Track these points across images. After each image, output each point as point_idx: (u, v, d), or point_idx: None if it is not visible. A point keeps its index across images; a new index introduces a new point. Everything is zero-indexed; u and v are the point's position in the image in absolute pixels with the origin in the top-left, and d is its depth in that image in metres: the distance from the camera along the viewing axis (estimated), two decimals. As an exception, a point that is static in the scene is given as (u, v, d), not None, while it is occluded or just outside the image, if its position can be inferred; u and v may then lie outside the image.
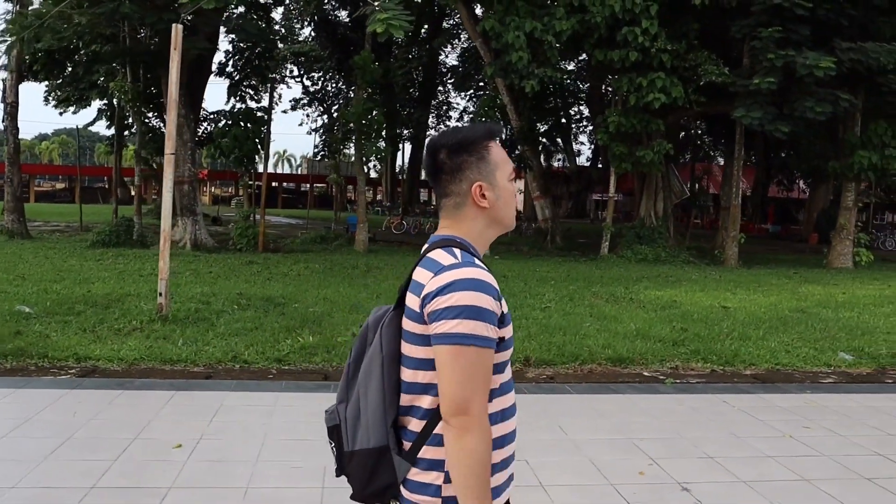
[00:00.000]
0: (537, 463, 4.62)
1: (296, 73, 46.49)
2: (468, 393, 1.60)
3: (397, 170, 61.02)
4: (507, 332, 1.72)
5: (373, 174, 70.69)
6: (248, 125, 19.33)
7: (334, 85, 49.05)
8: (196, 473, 4.34)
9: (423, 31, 38.43)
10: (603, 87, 27.89)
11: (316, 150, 58.57)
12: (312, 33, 34.16)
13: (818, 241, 30.27)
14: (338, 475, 1.86)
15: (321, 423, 1.97)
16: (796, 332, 9.34)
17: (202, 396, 5.94)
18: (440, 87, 47.49)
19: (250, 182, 23.28)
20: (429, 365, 1.68)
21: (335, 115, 53.71)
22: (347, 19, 31.01)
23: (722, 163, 54.53)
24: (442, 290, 1.62)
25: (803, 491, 4.37)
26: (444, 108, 50.28)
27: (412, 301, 1.71)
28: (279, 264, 15.49)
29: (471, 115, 37.03)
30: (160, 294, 8.72)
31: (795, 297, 12.99)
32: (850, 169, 19.31)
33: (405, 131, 50.74)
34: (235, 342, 7.62)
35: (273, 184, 64.64)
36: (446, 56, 46.31)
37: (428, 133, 49.82)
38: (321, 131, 54.39)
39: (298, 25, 44.50)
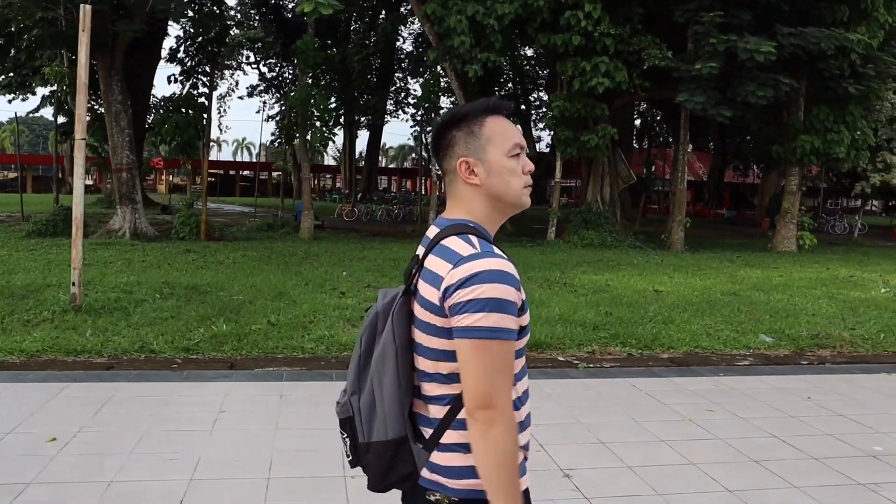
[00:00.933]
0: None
1: (252, 59, 45.98)
2: (493, 386, 1.57)
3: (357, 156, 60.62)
4: (526, 319, 1.68)
5: (331, 161, 70.32)
6: (190, 112, 18.91)
7: (291, 71, 48.58)
8: (63, 468, 4.16)
9: (380, 17, 38.10)
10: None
11: (272, 137, 57.98)
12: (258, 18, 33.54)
13: (770, 226, 30.58)
14: (353, 466, 1.83)
15: (212, 411, 1.84)
16: (721, 314, 9.37)
17: (96, 388, 5.73)
18: (398, 74, 47.12)
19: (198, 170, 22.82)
20: (451, 356, 1.64)
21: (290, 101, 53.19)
22: (292, 3, 30.55)
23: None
24: (464, 283, 1.57)
25: (687, 475, 4.32)
26: (403, 94, 49.88)
27: (429, 293, 1.65)
28: (217, 252, 15.22)
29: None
30: (73, 284, 8.45)
31: (731, 281, 13.08)
32: (794, 154, 19.52)
33: (363, 118, 50.45)
34: (147, 332, 7.40)
35: (231, 172, 64.06)
36: (403, 42, 46.03)
37: (386, 120, 49.48)
38: (277, 118, 53.84)
39: (254, 11, 43.95)
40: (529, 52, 36.40)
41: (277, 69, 48.86)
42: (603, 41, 17.53)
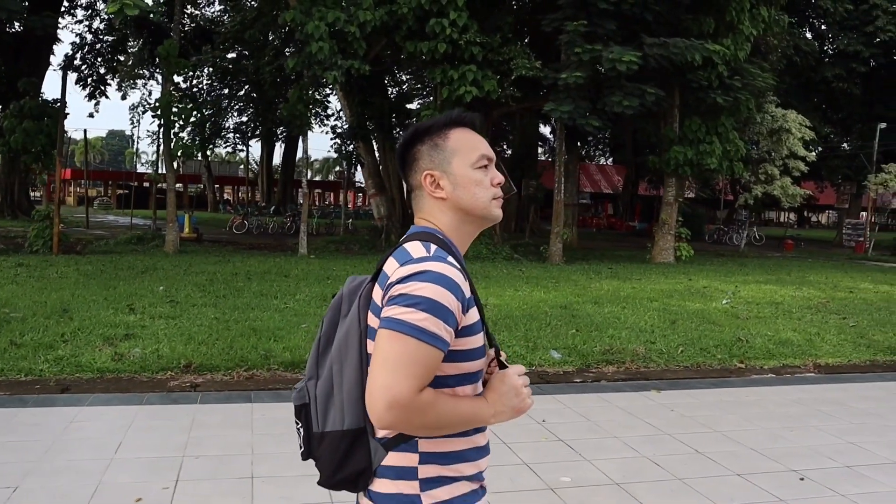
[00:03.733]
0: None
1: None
2: (399, 379, 1.44)
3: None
4: (473, 342, 1.57)
5: (246, 174, 68.94)
6: (45, 119, 17.90)
7: (208, 81, 47.46)
8: None
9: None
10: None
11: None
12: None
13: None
14: (304, 459, 1.71)
15: None
16: (525, 329, 8.95)
17: None
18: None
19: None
20: None
21: (207, 112, 51.91)
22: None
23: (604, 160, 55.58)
24: (403, 279, 1.50)
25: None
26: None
27: (377, 293, 1.59)
28: (51, 266, 14.24)
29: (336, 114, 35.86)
30: None
31: (576, 293, 12.75)
32: (668, 164, 19.49)
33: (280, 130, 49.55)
34: None
35: (146, 184, 62.12)
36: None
37: (309, 131, 48.54)
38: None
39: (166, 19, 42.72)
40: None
41: (191, 79, 47.87)
42: (470, 49, 17.20)
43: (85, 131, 32.70)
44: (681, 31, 18.11)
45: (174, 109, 18.10)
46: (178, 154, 18.15)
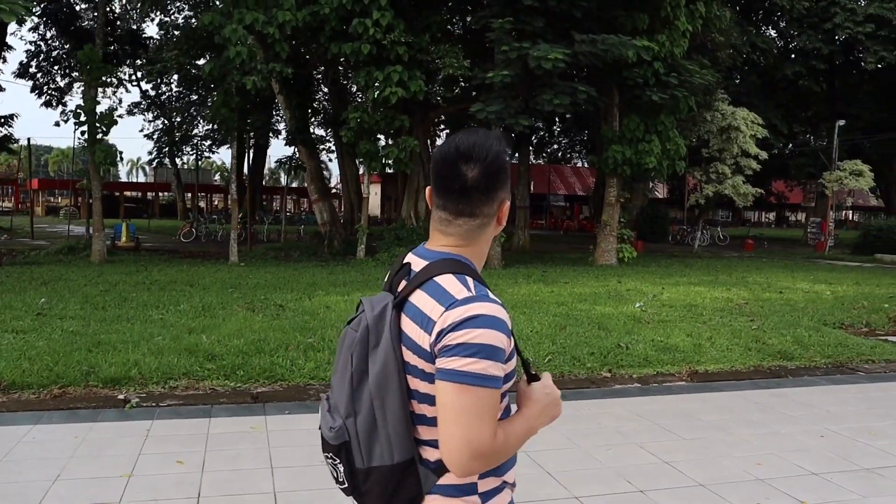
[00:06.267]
0: None
1: (131, 76, 44.06)
2: (479, 434, 1.48)
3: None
4: (512, 365, 1.60)
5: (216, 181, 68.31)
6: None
7: (175, 88, 46.95)
8: None
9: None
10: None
11: (150, 156, 56.01)
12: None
13: (638, 238, 29.97)
14: (348, 495, 1.69)
15: None
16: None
17: None
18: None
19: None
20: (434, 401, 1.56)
21: (175, 119, 51.38)
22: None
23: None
24: (457, 326, 1.49)
25: None
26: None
27: (417, 335, 1.55)
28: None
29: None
30: None
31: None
32: (606, 164, 19.06)
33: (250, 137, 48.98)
34: None
35: (116, 193, 61.43)
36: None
37: (270, 140, 47.87)
38: (155, 136, 51.90)
39: (135, 26, 42.12)
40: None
41: (162, 86, 47.33)
42: (396, 50, 16.72)
43: (28, 140, 31.88)
44: (616, 28, 17.68)
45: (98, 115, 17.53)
46: (101, 161, 17.56)
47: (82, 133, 18.13)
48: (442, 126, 28.76)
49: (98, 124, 17.78)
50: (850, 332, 10.36)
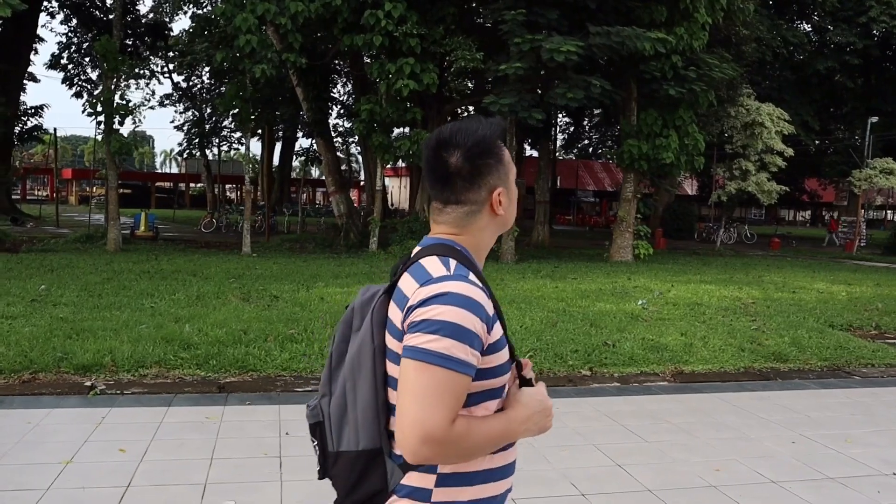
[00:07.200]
0: None
1: (163, 68, 44.61)
2: (431, 412, 1.38)
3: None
4: (498, 359, 1.51)
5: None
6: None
7: (208, 80, 47.34)
8: None
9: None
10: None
11: (179, 147, 56.63)
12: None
13: (663, 236, 29.37)
14: (320, 477, 1.66)
15: None
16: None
17: None
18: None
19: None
20: None
21: (206, 111, 51.81)
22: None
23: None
24: (424, 302, 1.44)
25: None
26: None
27: (395, 314, 1.52)
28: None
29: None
30: None
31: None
32: (622, 159, 18.76)
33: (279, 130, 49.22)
34: None
35: (148, 183, 62.25)
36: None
37: (298, 133, 48.09)
38: (186, 127, 52.44)
39: (167, 19, 42.60)
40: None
41: (193, 79, 47.86)
42: (408, 42, 16.60)
43: (55, 130, 32.30)
44: (633, 20, 17.37)
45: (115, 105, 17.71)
46: (116, 151, 17.72)
47: (98, 123, 18.35)
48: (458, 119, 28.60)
49: (113, 115, 17.96)
50: (856, 335, 10.05)
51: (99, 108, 17.75)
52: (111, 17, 30.53)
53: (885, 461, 5.08)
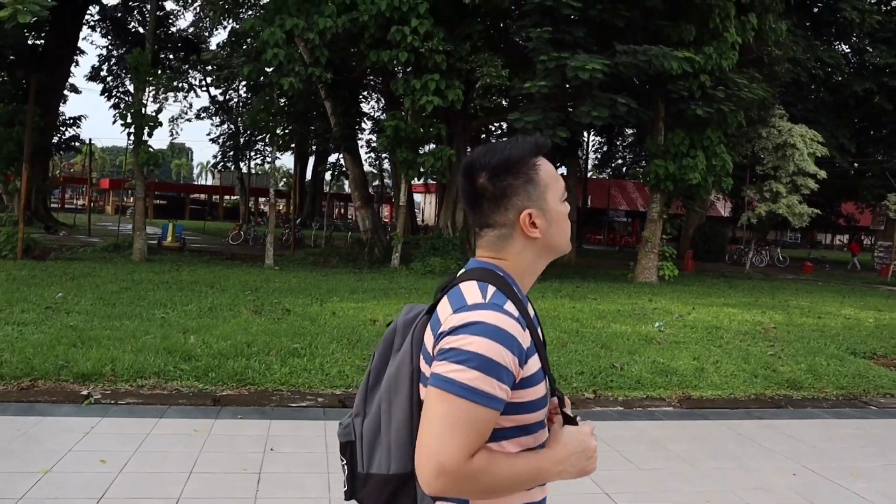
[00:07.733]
0: None
1: (202, 81, 45.33)
2: (447, 444, 1.33)
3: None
4: (532, 394, 1.45)
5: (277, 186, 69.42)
6: (15, 127, 18.01)
7: (244, 94, 47.95)
8: None
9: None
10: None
11: (214, 159, 57.43)
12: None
13: (692, 257, 28.83)
14: (347, 499, 1.61)
15: None
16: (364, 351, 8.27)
17: None
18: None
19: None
20: None
21: (241, 124, 52.51)
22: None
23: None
24: (455, 330, 1.39)
25: None
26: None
27: (428, 338, 1.47)
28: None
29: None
30: None
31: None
32: (648, 179, 18.55)
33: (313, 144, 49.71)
34: None
35: (182, 194, 63.27)
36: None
37: (331, 147, 48.56)
38: (221, 140, 53.16)
39: (207, 33, 43.36)
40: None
41: (230, 92, 48.54)
42: (434, 58, 16.63)
43: (90, 140, 32.88)
44: (661, 39, 17.21)
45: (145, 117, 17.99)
46: (144, 162, 17.98)
47: (129, 135, 18.64)
48: (485, 137, 28.61)
49: (142, 126, 18.23)
50: (879, 363, 9.73)
51: (129, 120, 18.01)
52: (138, 29, 31.27)
53: (889, 497, 4.86)
